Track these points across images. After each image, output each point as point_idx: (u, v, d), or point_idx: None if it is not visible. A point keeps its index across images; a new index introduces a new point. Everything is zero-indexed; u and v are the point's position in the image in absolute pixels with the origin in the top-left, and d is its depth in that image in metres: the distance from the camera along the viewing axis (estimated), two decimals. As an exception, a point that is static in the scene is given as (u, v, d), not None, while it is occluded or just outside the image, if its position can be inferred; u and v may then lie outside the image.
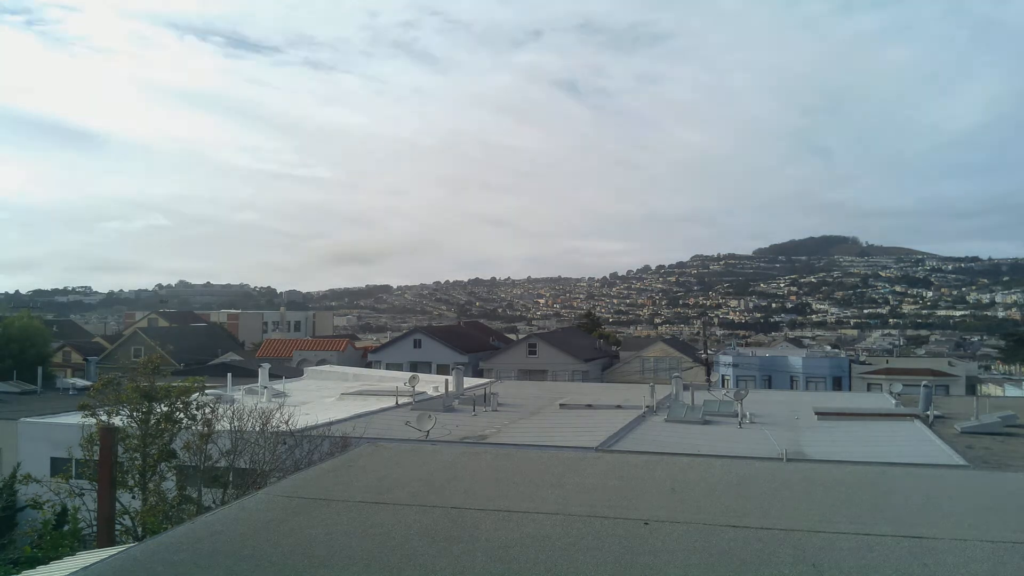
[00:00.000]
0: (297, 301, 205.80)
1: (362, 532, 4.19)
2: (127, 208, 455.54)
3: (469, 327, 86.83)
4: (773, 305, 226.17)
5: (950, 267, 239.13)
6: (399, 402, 26.47)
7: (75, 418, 18.97)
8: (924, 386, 25.20)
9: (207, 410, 16.27)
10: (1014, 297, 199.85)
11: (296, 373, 41.46)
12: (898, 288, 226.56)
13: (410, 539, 4.06)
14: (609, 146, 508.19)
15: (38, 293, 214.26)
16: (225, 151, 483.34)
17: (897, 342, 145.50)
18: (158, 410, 15.94)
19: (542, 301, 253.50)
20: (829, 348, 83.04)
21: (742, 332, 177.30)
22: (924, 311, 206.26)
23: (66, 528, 15.65)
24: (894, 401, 27.80)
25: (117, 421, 15.51)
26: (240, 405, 17.77)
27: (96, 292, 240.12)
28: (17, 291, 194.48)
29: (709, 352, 66.98)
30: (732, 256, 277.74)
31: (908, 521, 4.46)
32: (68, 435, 18.13)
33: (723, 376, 59.05)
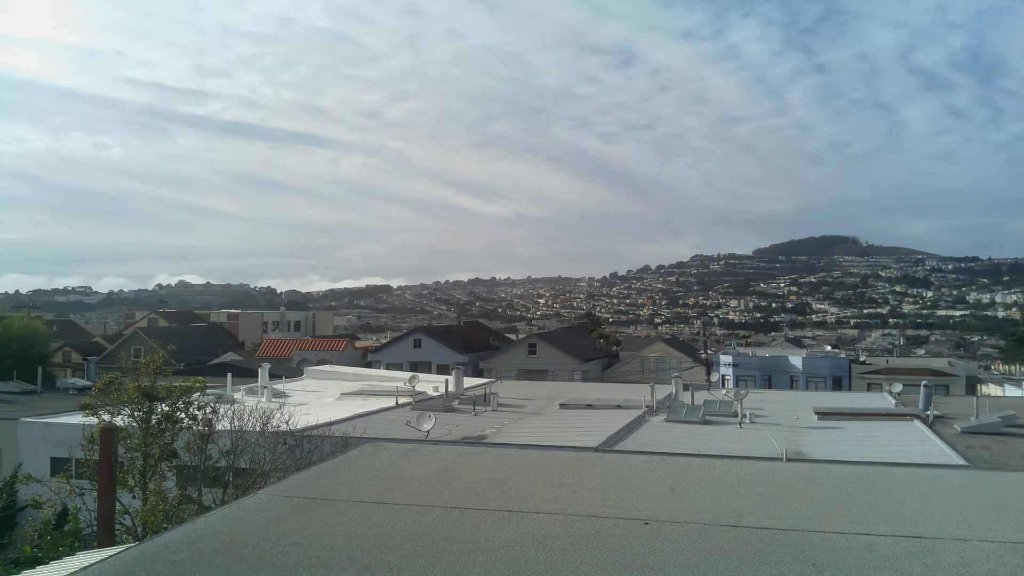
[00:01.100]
0: (297, 301, 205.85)
1: (362, 532, 4.19)
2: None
3: (469, 327, 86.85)
4: (773, 305, 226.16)
5: (950, 267, 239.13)
6: (399, 402, 26.47)
7: (75, 418, 18.96)
8: (924, 386, 25.20)
9: (208, 410, 16.27)
10: (1014, 297, 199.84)
11: (296, 373, 41.44)
12: (898, 288, 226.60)
13: (410, 539, 4.05)
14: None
15: (38, 293, 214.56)
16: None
17: (897, 342, 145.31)
18: (159, 410, 15.94)
19: (542, 301, 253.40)
20: (829, 348, 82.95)
21: (742, 332, 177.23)
22: (924, 311, 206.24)
23: (66, 528, 15.63)
24: (894, 401, 27.79)
25: (118, 421, 15.51)
26: (240, 405, 17.78)
27: (96, 292, 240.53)
28: (17, 291, 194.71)
29: (709, 352, 66.97)
30: (732, 256, 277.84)
31: (908, 521, 4.46)
32: (68, 435, 18.12)
33: (723, 376, 59.02)
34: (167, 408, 15.97)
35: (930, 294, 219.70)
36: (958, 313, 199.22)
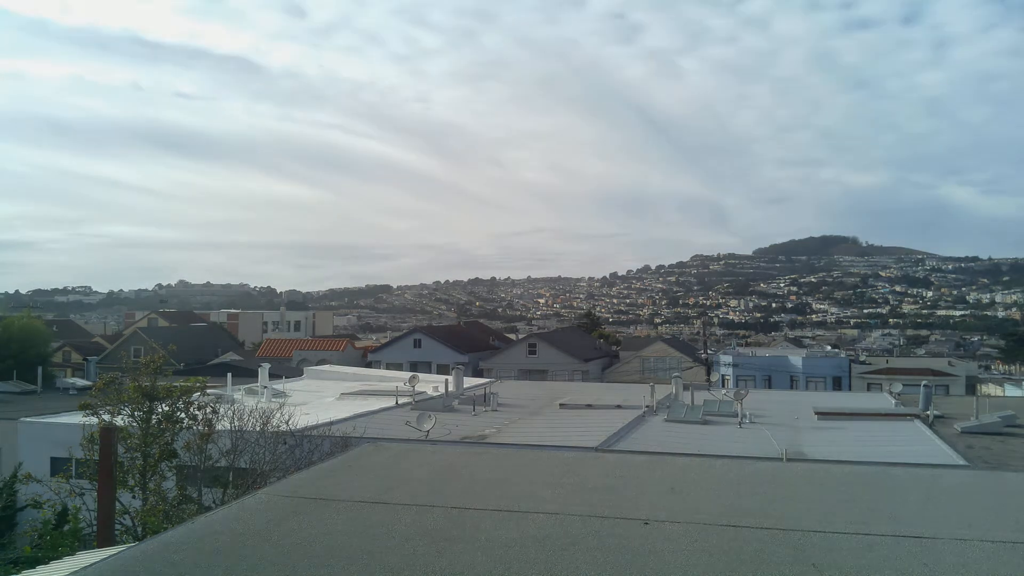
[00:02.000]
0: (297, 301, 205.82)
1: (362, 532, 4.19)
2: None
3: (469, 327, 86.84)
4: (773, 305, 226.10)
5: (950, 267, 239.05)
6: (399, 402, 26.46)
7: (75, 418, 18.97)
8: (924, 386, 25.19)
9: (208, 410, 16.28)
10: (1014, 297, 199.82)
11: (296, 373, 41.44)
12: (898, 288, 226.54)
13: (410, 539, 4.05)
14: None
15: (38, 293, 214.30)
16: None
17: (897, 342, 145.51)
18: (159, 410, 15.95)
19: (542, 301, 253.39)
20: (829, 348, 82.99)
21: (742, 332, 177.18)
22: (924, 311, 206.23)
23: (66, 528, 15.64)
24: (894, 401, 27.78)
25: (118, 421, 15.52)
26: (240, 405, 17.77)
27: (96, 292, 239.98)
28: (17, 291, 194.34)
29: (709, 352, 66.95)
30: (732, 256, 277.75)
31: (908, 521, 4.46)
32: (68, 435, 18.12)
33: (723, 376, 59.03)
34: (167, 408, 15.97)
35: (930, 294, 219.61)
36: (958, 313, 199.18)
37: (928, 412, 23.25)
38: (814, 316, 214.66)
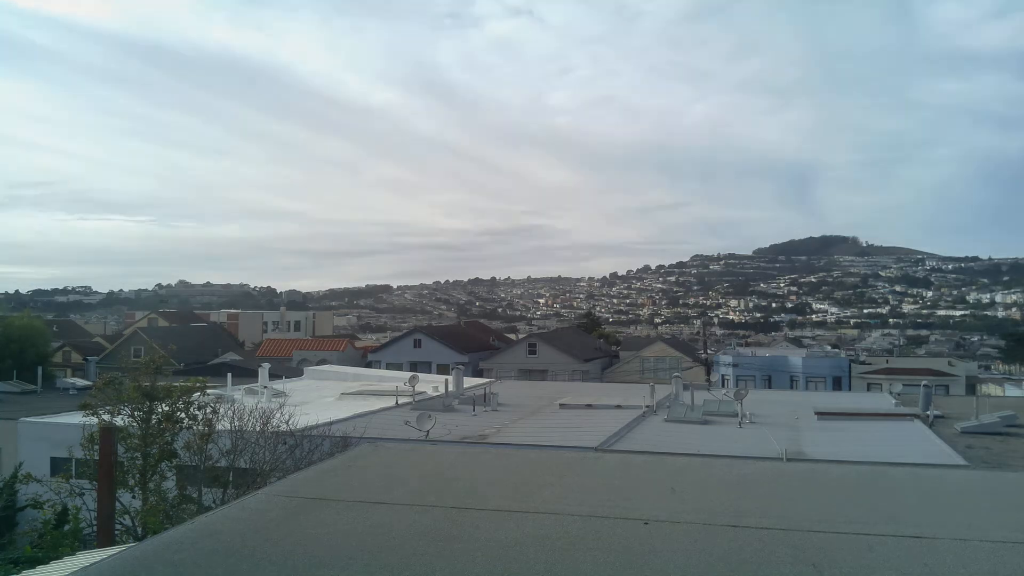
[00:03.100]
0: (297, 301, 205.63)
1: (362, 532, 4.19)
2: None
3: (469, 327, 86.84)
4: (773, 305, 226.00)
5: (950, 267, 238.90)
6: (399, 402, 26.46)
7: (75, 418, 18.98)
8: (924, 386, 25.20)
9: (208, 410, 16.28)
10: (1014, 297, 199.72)
11: (296, 373, 41.46)
12: (898, 288, 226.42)
13: (410, 539, 4.05)
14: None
15: (38, 293, 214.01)
16: None
17: (897, 342, 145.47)
18: (159, 410, 15.96)
19: (542, 301, 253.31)
20: (829, 348, 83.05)
21: (742, 332, 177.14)
22: (924, 311, 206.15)
23: (66, 528, 15.65)
24: (894, 401, 27.80)
25: (118, 421, 15.52)
26: (240, 405, 17.78)
27: (96, 292, 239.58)
28: (17, 291, 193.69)
29: (709, 352, 66.95)
30: (732, 256, 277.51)
31: (908, 521, 4.46)
32: (68, 435, 18.12)
33: (723, 376, 59.06)
34: (167, 408, 15.98)
35: (930, 294, 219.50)
36: (958, 313, 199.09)
37: (928, 412, 23.25)
38: (814, 316, 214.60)
